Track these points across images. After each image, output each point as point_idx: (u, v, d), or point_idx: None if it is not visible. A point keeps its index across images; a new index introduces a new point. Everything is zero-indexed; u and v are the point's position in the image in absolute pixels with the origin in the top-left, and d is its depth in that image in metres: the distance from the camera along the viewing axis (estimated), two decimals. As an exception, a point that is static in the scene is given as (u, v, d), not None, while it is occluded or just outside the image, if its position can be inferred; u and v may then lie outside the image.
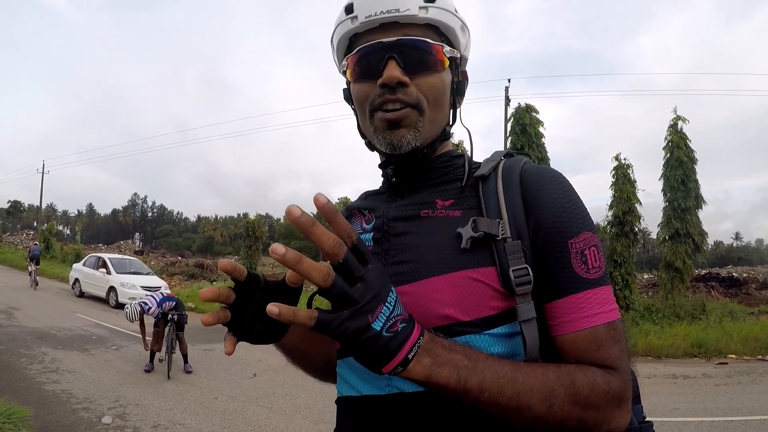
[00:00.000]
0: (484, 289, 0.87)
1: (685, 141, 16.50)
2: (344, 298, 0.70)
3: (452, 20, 0.99)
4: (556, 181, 0.94)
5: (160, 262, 36.41)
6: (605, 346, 0.85)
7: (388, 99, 0.94)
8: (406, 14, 0.94)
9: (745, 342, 11.50)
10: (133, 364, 8.77)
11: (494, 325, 0.87)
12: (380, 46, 0.95)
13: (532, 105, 17.45)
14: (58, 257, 33.49)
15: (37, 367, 8.01)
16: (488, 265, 0.88)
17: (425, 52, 0.96)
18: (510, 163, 0.99)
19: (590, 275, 0.87)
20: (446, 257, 0.90)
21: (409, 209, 1.00)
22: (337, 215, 0.71)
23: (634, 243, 15.86)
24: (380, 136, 0.97)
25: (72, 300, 18.25)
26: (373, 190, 1.17)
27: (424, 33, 0.97)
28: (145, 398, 6.78)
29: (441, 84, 0.98)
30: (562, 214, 0.89)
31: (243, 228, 24.16)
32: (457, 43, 1.02)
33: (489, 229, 0.88)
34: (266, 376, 8.43)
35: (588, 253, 0.88)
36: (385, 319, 0.72)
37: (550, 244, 0.88)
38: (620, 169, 15.95)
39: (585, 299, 0.86)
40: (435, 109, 0.98)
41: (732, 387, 8.28)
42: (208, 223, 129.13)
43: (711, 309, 15.56)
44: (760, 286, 22.87)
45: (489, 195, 0.94)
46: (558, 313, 0.87)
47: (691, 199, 16.20)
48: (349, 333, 0.70)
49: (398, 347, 0.73)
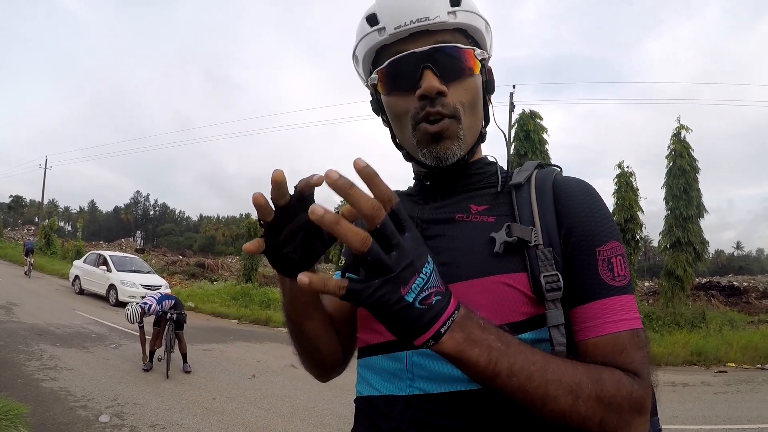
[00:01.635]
0: (515, 295, 0.88)
1: (688, 150, 16.57)
2: (378, 265, 0.67)
3: (478, 21, 0.99)
4: (587, 191, 0.96)
5: (161, 260, 36.39)
6: (628, 351, 0.86)
7: (430, 111, 0.93)
8: (436, 21, 0.93)
9: (745, 351, 11.51)
10: (132, 362, 8.76)
11: (523, 330, 0.87)
12: (414, 57, 0.94)
13: (537, 111, 17.61)
14: (58, 254, 33.48)
15: (35, 364, 8.00)
16: (520, 270, 0.89)
17: (458, 59, 0.95)
18: (543, 174, 1.01)
19: (616, 282, 0.88)
20: (479, 261, 0.91)
21: (443, 212, 1.01)
22: (376, 178, 0.68)
23: (636, 251, 15.89)
24: (425, 150, 0.97)
25: (72, 297, 18.25)
26: (403, 190, 1.16)
27: (453, 38, 0.96)
28: (143, 397, 6.78)
29: (475, 88, 0.98)
30: (591, 223, 0.91)
31: (245, 228, 24.20)
32: (484, 43, 1.03)
33: (522, 235, 0.90)
34: (265, 377, 8.43)
35: (614, 261, 0.89)
36: (418, 290, 0.69)
37: (579, 251, 0.90)
38: (623, 176, 15.98)
39: (610, 305, 0.87)
40: (472, 115, 0.99)
41: (731, 395, 8.28)
42: (210, 222, 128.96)
43: (711, 317, 15.57)
44: (760, 295, 22.86)
45: (522, 203, 0.96)
46: (583, 318, 0.88)
47: (692, 208, 16.24)
48: (381, 303, 0.68)
49: (431, 320, 0.70)
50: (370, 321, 0.98)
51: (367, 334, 1.01)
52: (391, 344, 0.94)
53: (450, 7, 0.94)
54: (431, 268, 0.72)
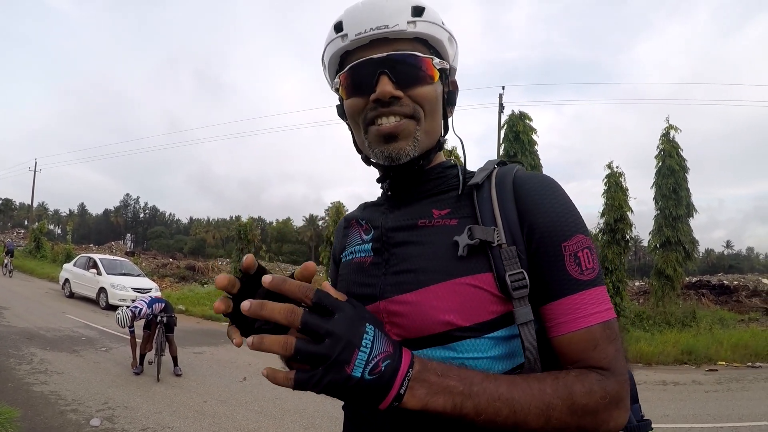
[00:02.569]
0: (482, 295, 0.89)
1: (677, 150, 16.71)
2: (313, 358, 0.73)
3: (440, 33, 1.01)
4: (548, 186, 0.96)
5: (151, 263, 36.15)
6: (601, 346, 0.87)
7: (381, 113, 0.97)
8: (395, 30, 0.96)
9: (735, 349, 11.61)
10: (122, 366, 8.71)
11: (493, 329, 0.89)
12: (371, 62, 0.97)
13: (526, 113, 17.67)
14: (48, 257, 33.26)
15: (25, 368, 7.94)
16: (485, 271, 0.90)
17: (415, 66, 0.97)
18: (503, 171, 1.01)
19: (584, 276, 0.89)
20: (444, 265, 0.92)
21: (406, 219, 1.02)
22: (284, 284, 0.75)
23: (626, 250, 15.94)
24: (377, 150, 0.99)
25: (62, 300, 18.11)
26: (371, 201, 1.19)
27: (413, 47, 0.98)
28: (133, 401, 6.74)
29: (433, 96, 1.00)
30: (554, 218, 0.92)
31: (235, 231, 24.09)
32: (446, 55, 1.04)
33: (484, 236, 0.91)
34: (256, 380, 8.39)
35: (581, 255, 0.90)
36: (363, 363, 0.74)
37: (544, 248, 0.91)
38: (612, 177, 16.05)
39: (580, 300, 0.88)
40: (431, 119, 1.00)
41: (722, 394, 8.34)
42: (201, 225, 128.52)
43: (701, 316, 15.66)
44: (750, 294, 23.00)
45: (483, 203, 0.97)
46: (554, 315, 0.90)
47: (682, 208, 16.37)
48: (331, 387, 0.73)
49: (387, 385, 0.75)
50: None
51: None
52: None
53: (411, 17, 0.97)
54: (372, 335, 0.77)
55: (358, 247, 1.09)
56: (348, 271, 1.09)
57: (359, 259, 1.07)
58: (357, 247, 1.09)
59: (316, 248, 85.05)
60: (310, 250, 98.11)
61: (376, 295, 0.97)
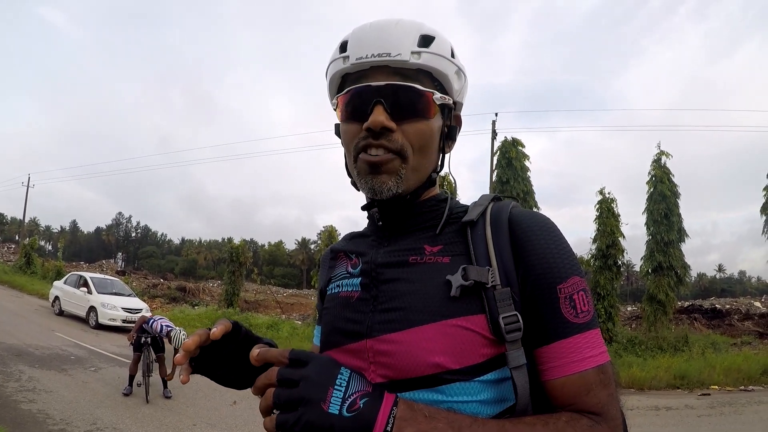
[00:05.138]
0: (473, 337, 0.86)
1: (668, 175, 16.88)
2: (290, 400, 0.77)
3: (446, 66, 0.98)
4: (545, 226, 0.94)
5: (141, 283, 35.84)
6: (594, 391, 0.86)
7: (371, 143, 0.94)
8: (397, 59, 0.93)
9: (728, 373, 11.56)
10: (111, 386, 8.61)
11: (483, 372, 0.86)
12: (369, 90, 0.95)
13: (519, 139, 18.02)
14: (38, 273, 32.93)
15: (13, 385, 7.84)
16: (477, 312, 0.88)
17: (414, 99, 0.95)
18: (498, 208, 0.99)
19: (579, 320, 0.88)
20: (435, 305, 0.89)
21: (397, 255, 0.99)
22: (267, 355, 0.84)
23: (618, 276, 16.02)
24: (363, 179, 0.97)
25: (51, 318, 17.89)
26: (358, 231, 1.17)
27: (415, 78, 0.95)
28: (122, 422, 6.66)
29: (428, 131, 0.97)
30: (550, 260, 0.90)
31: (227, 253, 24.04)
32: (451, 89, 1.01)
33: (479, 277, 0.88)
34: (246, 403, 8.28)
35: (576, 297, 0.88)
36: (340, 401, 0.77)
37: (539, 290, 0.89)
38: (604, 203, 16.18)
39: (574, 344, 0.87)
40: (420, 156, 0.98)
41: (714, 418, 8.31)
42: (192, 246, 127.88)
43: (694, 340, 15.65)
44: (742, 318, 23.02)
45: (478, 241, 0.94)
46: (548, 358, 0.88)
47: (674, 233, 16.47)
48: (309, 424, 0.75)
49: (370, 421, 0.76)
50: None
51: None
52: None
53: (416, 47, 0.94)
54: (347, 376, 0.81)
55: (345, 281, 1.05)
56: (334, 304, 1.05)
57: (346, 293, 1.03)
58: (344, 281, 1.06)
59: (307, 272, 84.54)
60: (302, 273, 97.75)
61: (363, 333, 0.94)
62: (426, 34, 0.96)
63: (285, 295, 41.98)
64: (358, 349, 0.93)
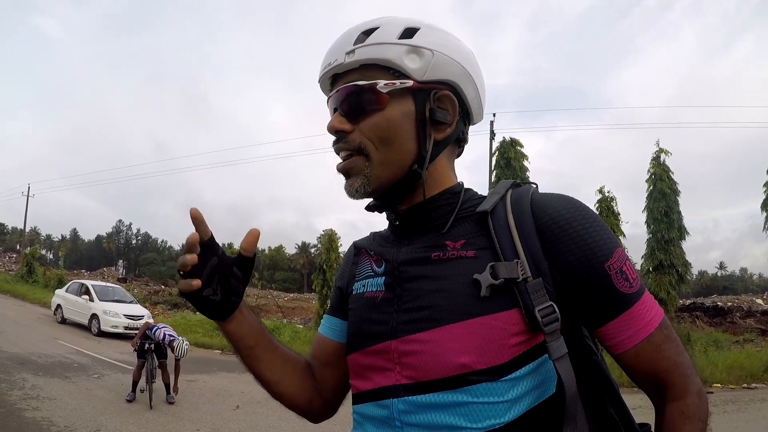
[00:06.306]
0: (503, 334, 0.84)
1: (667, 173, 16.82)
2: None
3: (389, 50, 0.92)
4: (571, 207, 0.90)
5: (143, 290, 35.84)
6: (662, 348, 0.89)
7: (335, 148, 0.99)
8: (336, 65, 0.96)
9: (731, 371, 11.54)
10: (115, 393, 8.61)
11: (513, 370, 0.84)
12: (330, 100, 1.00)
13: (517, 139, 17.99)
14: (40, 282, 32.88)
15: (17, 394, 7.85)
16: (509, 308, 0.85)
17: (360, 95, 0.93)
18: (518, 194, 0.95)
19: (633, 288, 0.88)
20: (463, 303, 0.87)
21: (419, 252, 0.95)
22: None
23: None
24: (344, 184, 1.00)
25: (54, 326, 17.88)
26: (380, 231, 1.14)
27: (364, 75, 0.94)
28: (126, 428, 6.67)
29: (384, 122, 0.93)
30: (589, 241, 0.87)
31: (228, 257, 24.02)
32: (408, 71, 0.93)
33: (509, 274, 0.85)
34: (249, 408, 8.30)
35: (625, 269, 0.88)
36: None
37: (585, 274, 0.87)
38: (603, 201, 16.13)
39: (636, 312, 0.88)
40: (385, 150, 0.94)
41: (717, 416, 8.27)
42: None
43: (696, 339, 15.61)
44: (744, 315, 22.98)
45: (501, 231, 0.90)
46: (614, 333, 0.89)
47: (674, 231, 16.43)
48: None
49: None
50: (362, 368, 0.99)
51: (359, 381, 0.99)
52: (377, 392, 0.93)
53: (351, 46, 0.94)
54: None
55: (370, 281, 1.02)
56: (359, 305, 1.03)
57: (371, 293, 1.00)
58: (369, 280, 1.03)
59: (308, 276, 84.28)
60: (303, 277, 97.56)
61: (388, 333, 0.92)
62: (369, 28, 0.95)
63: (286, 299, 42.09)
64: (383, 350, 0.92)
